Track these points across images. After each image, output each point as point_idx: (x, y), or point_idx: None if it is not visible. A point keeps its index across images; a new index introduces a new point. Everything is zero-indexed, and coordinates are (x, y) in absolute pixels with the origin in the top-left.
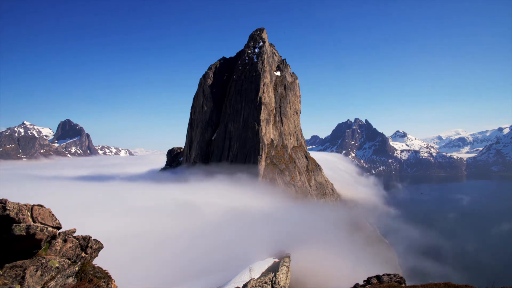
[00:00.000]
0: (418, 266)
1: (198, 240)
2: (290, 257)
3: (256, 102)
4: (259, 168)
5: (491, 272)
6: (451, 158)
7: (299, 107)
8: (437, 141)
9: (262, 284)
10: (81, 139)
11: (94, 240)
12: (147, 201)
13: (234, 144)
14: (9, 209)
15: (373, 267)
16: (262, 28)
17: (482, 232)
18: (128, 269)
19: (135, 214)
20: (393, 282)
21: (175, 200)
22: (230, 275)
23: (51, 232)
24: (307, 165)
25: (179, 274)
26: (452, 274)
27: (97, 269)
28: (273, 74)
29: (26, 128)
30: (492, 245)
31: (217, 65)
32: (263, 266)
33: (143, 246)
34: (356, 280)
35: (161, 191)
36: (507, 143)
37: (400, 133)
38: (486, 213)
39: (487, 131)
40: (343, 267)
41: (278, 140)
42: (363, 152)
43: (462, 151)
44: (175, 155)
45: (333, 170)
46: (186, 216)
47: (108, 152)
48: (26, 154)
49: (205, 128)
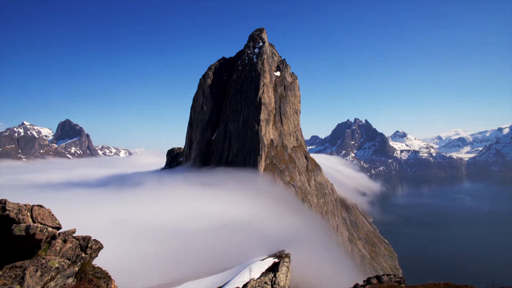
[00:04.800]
0: (418, 266)
1: (198, 240)
2: (290, 257)
3: (256, 102)
4: (259, 168)
5: (491, 272)
6: (451, 158)
7: (299, 107)
8: (437, 141)
9: (262, 284)
10: (81, 139)
11: (94, 240)
12: (147, 202)
13: (234, 144)
14: (9, 209)
15: (373, 267)
16: (262, 28)
17: (482, 232)
18: (128, 269)
19: (135, 215)
20: (393, 282)
21: (174, 201)
22: (230, 275)
23: (51, 232)
24: (307, 165)
25: (178, 274)
26: (452, 274)
27: (97, 269)
28: (273, 74)
29: (25, 128)
30: (492, 245)
31: (217, 65)
32: (263, 266)
33: (143, 246)
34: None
35: (161, 191)
36: (507, 143)
37: (400, 133)
38: (486, 213)
39: (487, 131)
40: (343, 267)
41: (278, 140)
42: (363, 152)
43: (462, 151)
44: (175, 155)
45: (333, 170)
46: (186, 216)
47: (108, 152)
48: (26, 154)
49: (205, 128)
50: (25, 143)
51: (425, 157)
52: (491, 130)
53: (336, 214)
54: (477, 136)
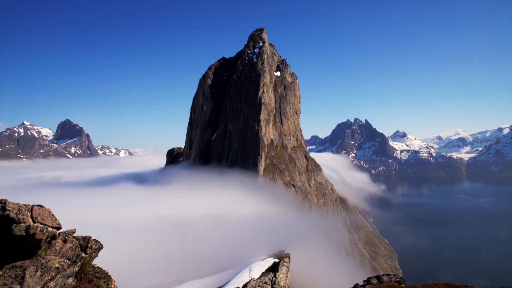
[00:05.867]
0: (418, 266)
1: (198, 241)
2: (290, 257)
3: (256, 102)
4: (259, 168)
5: (491, 272)
6: (451, 158)
7: (299, 107)
8: (437, 141)
9: (262, 284)
10: (81, 139)
11: (94, 240)
12: (147, 202)
13: (234, 144)
14: (9, 209)
15: (373, 267)
16: (262, 28)
17: (482, 232)
18: (128, 269)
19: (135, 215)
20: (393, 282)
21: (175, 201)
22: (230, 275)
23: (51, 232)
24: (307, 165)
25: (179, 274)
26: (452, 274)
27: (97, 269)
28: (273, 74)
29: (26, 128)
30: (492, 245)
31: (217, 65)
32: (263, 266)
33: (143, 247)
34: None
35: (161, 192)
36: (507, 143)
37: (400, 133)
38: (486, 213)
39: (487, 131)
40: (343, 267)
41: (278, 140)
42: (363, 152)
43: (462, 151)
44: (175, 155)
45: (333, 170)
46: (186, 217)
47: (108, 152)
48: (26, 154)
49: (205, 128)
50: (25, 143)
51: (425, 157)
52: (491, 130)
53: (336, 214)
54: (477, 136)
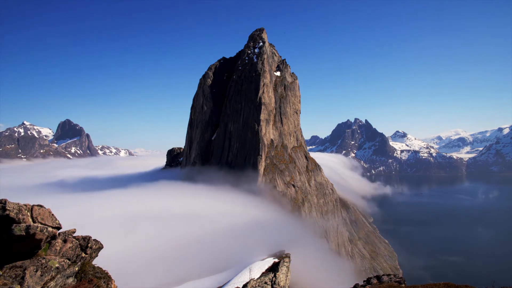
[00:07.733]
0: (418, 266)
1: (198, 241)
2: (290, 257)
3: (256, 102)
4: (259, 168)
5: (491, 272)
6: (451, 158)
7: (299, 107)
8: (437, 141)
9: (262, 284)
10: (81, 139)
11: (94, 240)
12: (147, 202)
13: (234, 144)
14: (9, 209)
15: (373, 267)
16: (262, 28)
17: (482, 232)
18: (128, 269)
19: (134, 216)
20: (393, 282)
21: (175, 201)
22: (230, 275)
23: (51, 232)
24: (307, 165)
25: (179, 274)
26: (452, 274)
27: (97, 269)
28: (273, 74)
29: (26, 128)
30: (492, 245)
31: (217, 65)
32: (263, 266)
33: (143, 247)
34: (356, 280)
35: (161, 193)
36: (507, 143)
37: (400, 133)
38: (486, 213)
39: (487, 131)
40: (343, 267)
41: (278, 140)
42: (363, 152)
43: (462, 151)
44: (175, 155)
45: (333, 170)
46: (186, 217)
47: (108, 152)
48: (26, 154)
49: (205, 128)
50: (25, 143)
51: (425, 157)
52: (491, 130)
53: (336, 214)
54: (477, 136)
